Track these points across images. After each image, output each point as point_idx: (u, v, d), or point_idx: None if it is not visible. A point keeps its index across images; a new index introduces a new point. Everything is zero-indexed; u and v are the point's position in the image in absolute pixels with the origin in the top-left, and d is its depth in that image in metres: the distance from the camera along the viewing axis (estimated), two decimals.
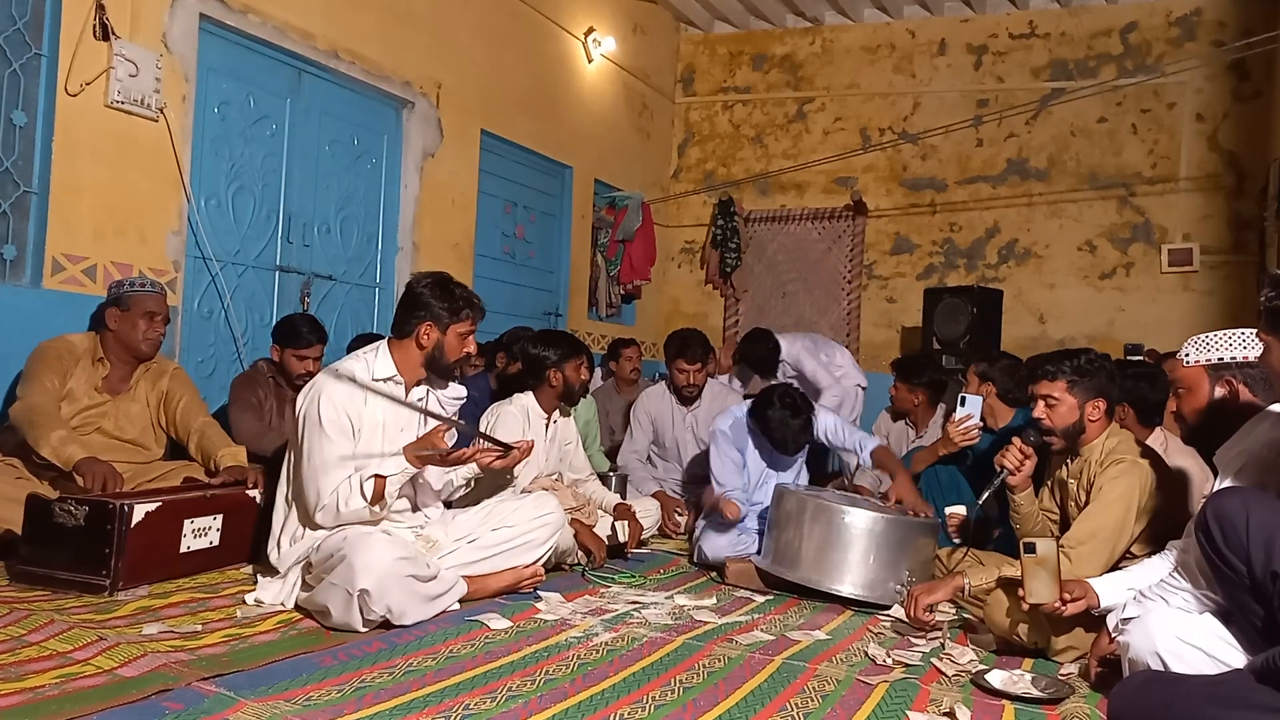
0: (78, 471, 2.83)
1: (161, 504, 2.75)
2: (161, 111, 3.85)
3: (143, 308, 3.26)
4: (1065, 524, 2.72)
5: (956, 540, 3.27)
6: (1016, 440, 2.77)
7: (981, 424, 3.39)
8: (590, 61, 6.77)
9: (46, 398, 3.04)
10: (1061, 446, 2.69)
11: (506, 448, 2.81)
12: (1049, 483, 2.84)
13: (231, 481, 3.12)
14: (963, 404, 3.40)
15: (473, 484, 3.03)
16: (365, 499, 2.56)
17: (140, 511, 2.65)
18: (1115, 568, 2.54)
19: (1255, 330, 2.07)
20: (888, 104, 7.29)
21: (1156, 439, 2.94)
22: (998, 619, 2.53)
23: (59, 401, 3.09)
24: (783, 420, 3.47)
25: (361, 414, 2.65)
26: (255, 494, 3.09)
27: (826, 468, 5.07)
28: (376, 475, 2.58)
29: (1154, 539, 2.54)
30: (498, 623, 2.54)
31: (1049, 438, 2.69)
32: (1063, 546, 2.46)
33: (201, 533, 2.89)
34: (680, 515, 4.17)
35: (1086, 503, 2.60)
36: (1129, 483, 2.53)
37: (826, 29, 7.52)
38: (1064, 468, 2.75)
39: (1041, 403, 2.68)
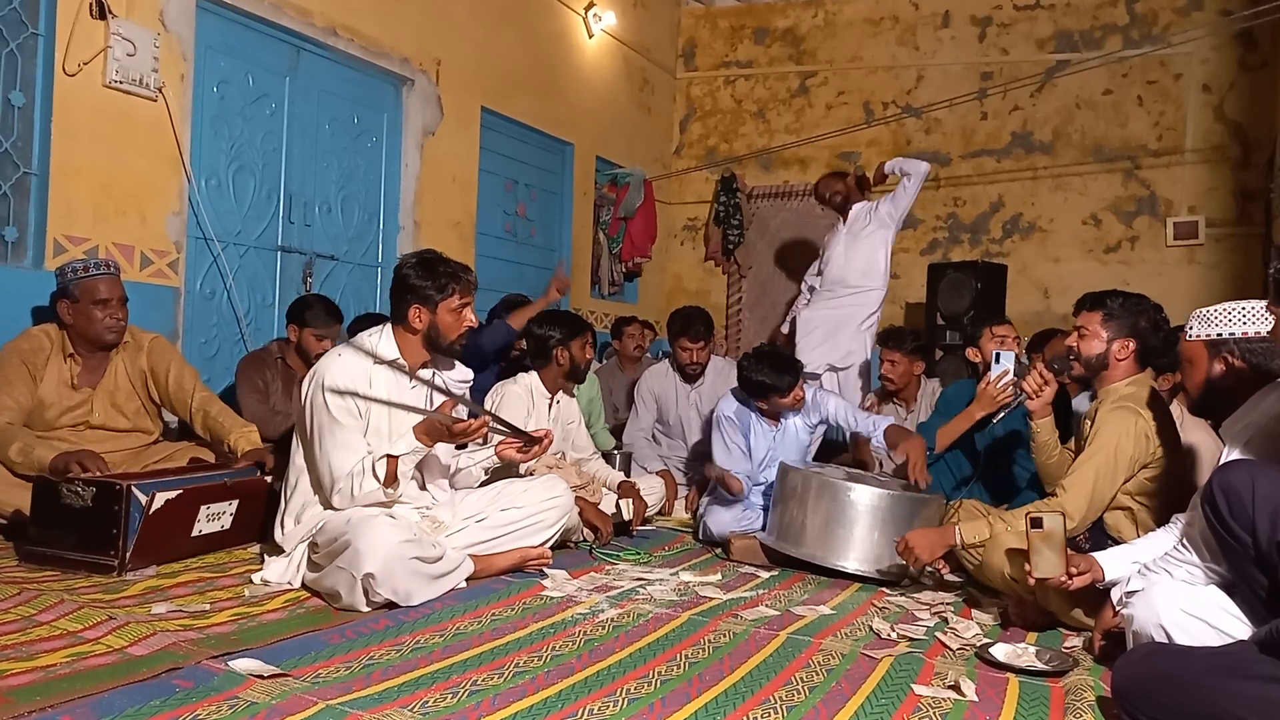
0: (54, 471, 2.73)
1: (181, 492, 2.74)
2: (160, 91, 3.83)
3: (92, 296, 3.04)
4: None
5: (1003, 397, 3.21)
6: (1039, 366, 2.79)
7: (1017, 380, 3.24)
8: (590, 36, 6.71)
9: (7, 416, 2.91)
10: (1080, 373, 2.71)
11: (517, 431, 2.80)
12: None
13: (249, 467, 3.07)
14: (997, 360, 3.26)
15: (489, 473, 3.03)
16: (379, 481, 2.56)
17: (160, 499, 2.65)
18: (1105, 536, 2.56)
19: (1265, 303, 2.06)
20: (891, 77, 7.23)
21: (1174, 411, 2.94)
22: (994, 565, 2.58)
23: (25, 414, 2.97)
24: (763, 373, 3.52)
25: (368, 395, 2.65)
26: (268, 477, 3.08)
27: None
28: (389, 455, 2.59)
29: (1158, 508, 2.55)
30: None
31: (1072, 359, 2.70)
32: (1056, 492, 2.53)
33: (215, 517, 2.89)
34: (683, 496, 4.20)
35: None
36: (1118, 427, 2.53)
37: (829, 1, 7.44)
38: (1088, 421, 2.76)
39: (1076, 332, 2.70)
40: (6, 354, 3.03)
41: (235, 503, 2.94)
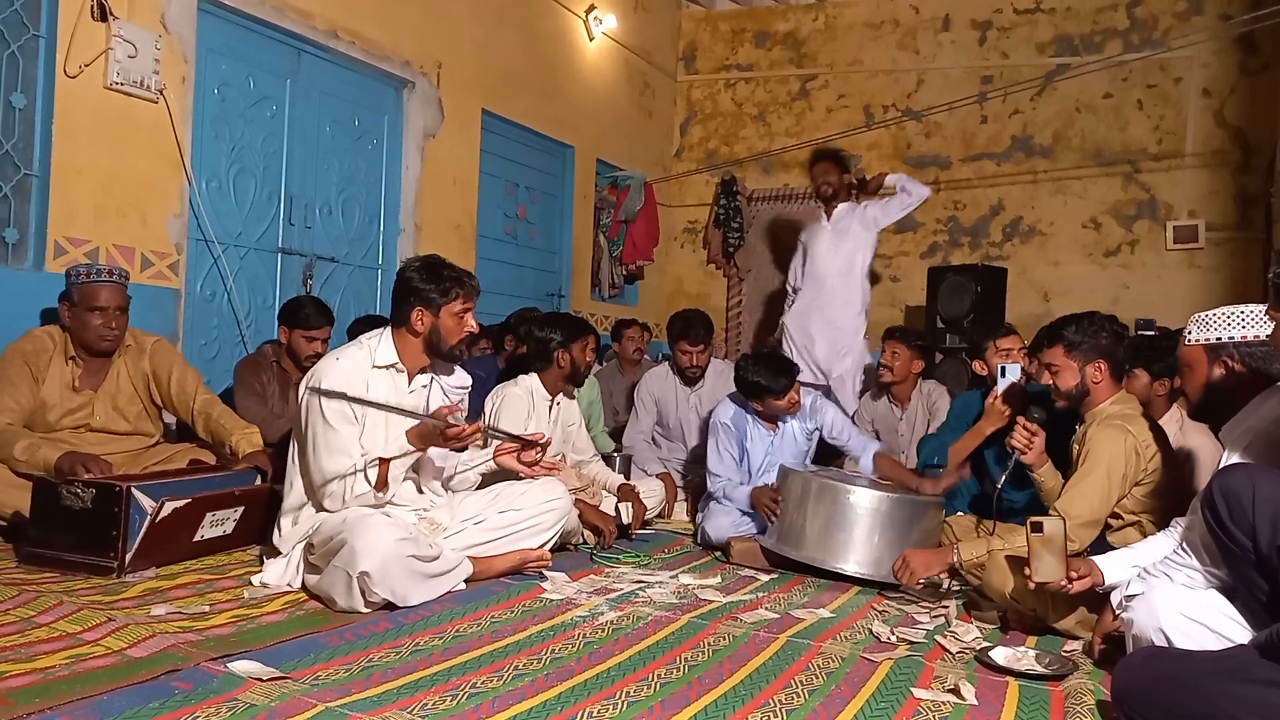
0: (59, 471, 2.73)
1: (190, 501, 2.74)
2: (161, 93, 3.83)
3: (89, 302, 3.02)
4: None
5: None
6: (1020, 420, 2.79)
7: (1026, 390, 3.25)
8: (591, 39, 6.72)
9: (8, 416, 2.91)
10: (1065, 406, 2.71)
11: (514, 436, 2.80)
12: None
13: (249, 473, 3.06)
14: (1003, 374, 3.28)
15: (484, 478, 3.03)
16: (370, 484, 2.57)
17: (169, 508, 2.65)
18: (1106, 543, 2.56)
19: (1264, 307, 2.06)
20: (891, 81, 7.23)
21: (1173, 415, 2.94)
22: (996, 585, 2.56)
23: (27, 415, 2.97)
24: (759, 374, 3.51)
25: (364, 399, 2.65)
26: (259, 479, 3.08)
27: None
28: (380, 459, 2.59)
29: (1161, 516, 2.54)
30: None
31: (1054, 396, 2.71)
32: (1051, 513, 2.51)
33: (219, 523, 2.89)
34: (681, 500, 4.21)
35: None
36: (1108, 445, 2.54)
37: (830, 5, 7.45)
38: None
39: (1046, 371, 2.71)
40: (9, 355, 3.03)
41: (240, 510, 2.94)
